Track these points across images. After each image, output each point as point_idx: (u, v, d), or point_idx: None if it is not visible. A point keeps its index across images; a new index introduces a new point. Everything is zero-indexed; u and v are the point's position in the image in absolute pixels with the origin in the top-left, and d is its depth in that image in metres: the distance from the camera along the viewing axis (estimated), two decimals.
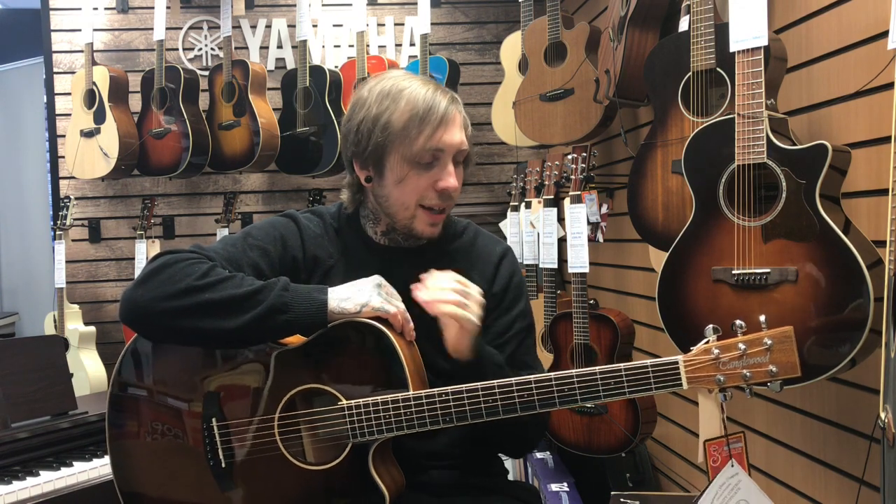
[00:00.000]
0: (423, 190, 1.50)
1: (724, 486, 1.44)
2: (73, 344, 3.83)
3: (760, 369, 1.26)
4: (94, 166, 3.90)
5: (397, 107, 1.47)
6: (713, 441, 1.53)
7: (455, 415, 1.35)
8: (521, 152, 4.08)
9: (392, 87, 1.50)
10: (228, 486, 1.46)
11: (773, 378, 1.26)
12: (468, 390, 1.35)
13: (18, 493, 1.90)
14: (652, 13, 2.48)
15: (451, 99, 1.52)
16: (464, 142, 1.52)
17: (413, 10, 4.00)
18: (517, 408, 1.34)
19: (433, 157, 1.49)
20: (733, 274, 1.74)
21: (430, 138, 1.47)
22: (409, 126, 1.47)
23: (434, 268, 1.56)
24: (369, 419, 1.37)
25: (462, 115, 1.54)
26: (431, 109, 1.47)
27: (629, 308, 3.05)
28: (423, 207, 1.51)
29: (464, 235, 1.64)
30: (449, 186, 1.49)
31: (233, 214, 3.98)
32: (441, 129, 1.48)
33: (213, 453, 1.46)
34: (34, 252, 4.97)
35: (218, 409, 1.46)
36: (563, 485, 2.77)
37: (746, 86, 1.71)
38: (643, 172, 2.19)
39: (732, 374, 1.27)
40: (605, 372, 1.32)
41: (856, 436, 1.82)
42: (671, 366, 1.30)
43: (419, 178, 1.50)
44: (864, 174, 1.77)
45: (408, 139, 1.47)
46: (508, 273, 1.61)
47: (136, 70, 4.11)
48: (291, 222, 1.61)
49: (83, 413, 2.24)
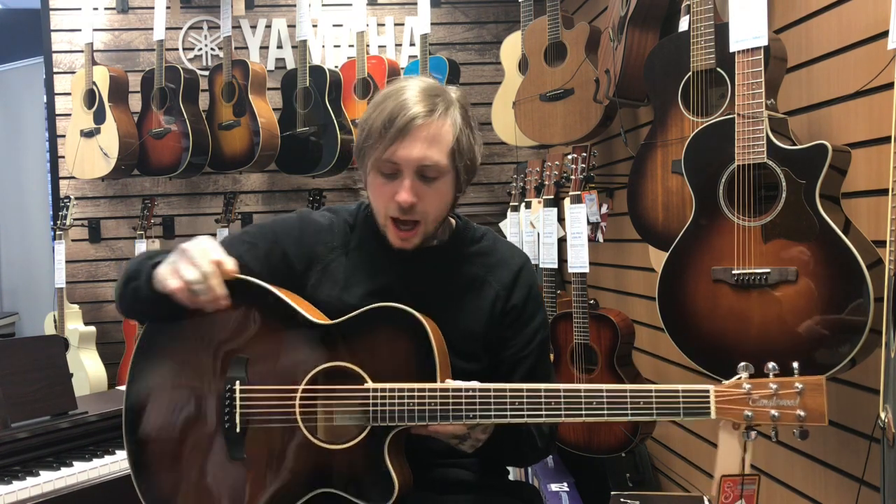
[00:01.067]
0: (387, 201, 1.49)
1: None
2: (73, 344, 3.83)
3: (789, 412, 1.27)
4: (94, 166, 3.90)
5: (378, 113, 1.48)
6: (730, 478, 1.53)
7: (479, 412, 1.34)
8: (521, 152, 4.08)
9: (390, 91, 1.51)
10: (238, 454, 1.44)
11: (800, 423, 1.26)
12: (496, 390, 1.34)
13: (18, 493, 1.90)
14: (652, 13, 2.48)
15: (427, 111, 1.45)
16: (427, 160, 1.45)
17: (413, 10, 4.00)
18: (542, 414, 1.33)
19: (392, 169, 1.47)
20: (733, 274, 1.74)
21: (386, 150, 1.46)
22: (378, 134, 1.47)
23: (450, 268, 1.58)
24: (392, 404, 1.36)
25: (438, 126, 1.46)
26: (395, 120, 1.45)
27: (629, 308, 3.05)
28: (392, 219, 1.50)
29: (482, 241, 1.63)
30: (400, 200, 1.46)
31: (233, 214, 3.98)
32: (398, 142, 1.45)
33: (231, 416, 1.44)
34: (34, 252, 4.97)
35: (244, 373, 1.45)
36: (563, 485, 2.76)
37: (746, 86, 1.71)
38: (643, 172, 2.19)
39: (761, 412, 1.27)
40: (636, 391, 1.31)
41: (856, 436, 1.82)
42: (702, 394, 1.29)
43: (383, 188, 1.49)
44: (864, 174, 1.77)
45: (375, 147, 1.47)
46: (528, 285, 1.60)
47: (136, 70, 4.11)
48: (296, 218, 1.63)
49: (83, 413, 2.24)
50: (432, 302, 1.52)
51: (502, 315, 1.57)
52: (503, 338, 1.57)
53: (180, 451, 1.48)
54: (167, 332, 1.52)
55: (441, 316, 1.48)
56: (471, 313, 1.55)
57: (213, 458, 1.46)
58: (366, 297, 1.53)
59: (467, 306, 1.55)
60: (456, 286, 1.57)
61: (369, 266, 1.58)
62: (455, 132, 1.48)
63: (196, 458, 1.47)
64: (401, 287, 1.54)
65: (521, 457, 1.59)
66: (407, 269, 1.56)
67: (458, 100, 1.52)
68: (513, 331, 1.57)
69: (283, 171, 4.01)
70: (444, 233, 1.62)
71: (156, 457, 1.49)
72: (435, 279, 1.57)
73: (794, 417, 1.26)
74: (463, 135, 1.49)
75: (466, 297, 1.56)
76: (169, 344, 1.52)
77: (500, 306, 1.56)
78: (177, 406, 1.49)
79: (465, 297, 1.56)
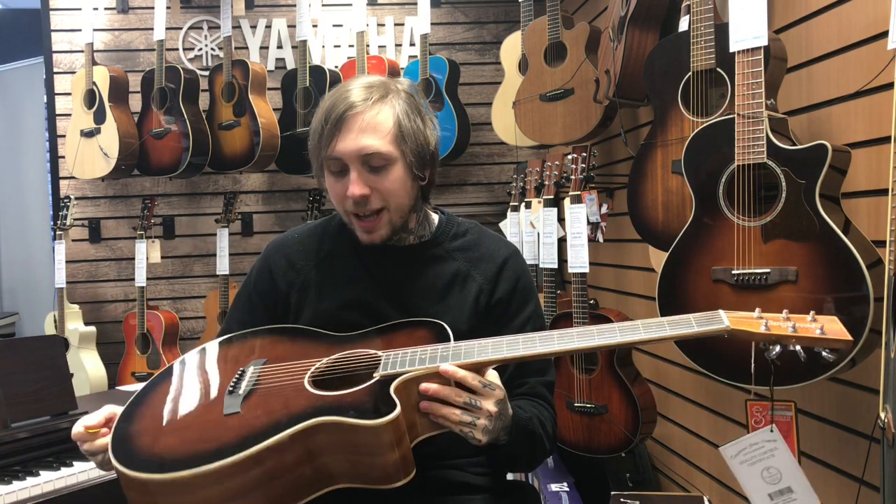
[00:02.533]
0: (342, 198, 1.49)
1: (756, 445, 1.41)
2: (73, 344, 3.83)
3: (807, 328, 1.22)
4: (94, 166, 3.90)
5: (319, 113, 1.50)
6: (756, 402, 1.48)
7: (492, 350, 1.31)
8: (521, 152, 4.08)
9: (332, 91, 1.53)
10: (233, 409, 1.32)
11: (821, 338, 1.20)
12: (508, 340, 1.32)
13: (18, 493, 1.90)
14: (652, 13, 2.48)
15: (362, 100, 1.45)
16: (366, 149, 1.44)
17: (413, 10, 4.00)
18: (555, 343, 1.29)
19: (339, 166, 1.48)
20: (733, 274, 1.74)
21: (328, 147, 1.47)
22: (317, 137, 1.49)
23: (432, 266, 1.57)
24: (404, 357, 1.33)
25: (371, 117, 1.45)
26: (329, 118, 1.46)
27: (629, 308, 3.05)
28: (353, 215, 1.51)
29: (467, 235, 1.62)
30: (350, 194, 1.46)
31: (233, 214, 3.98)
32: (336, 137, 1.45)
33: (238, 382, 1.39)
34: (34, 252, 4.97)
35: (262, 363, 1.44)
36: (563, 485, 2.76)
37: (746, 86, 1.71)
38: (643, 172, 2.19)
39: (776, 328, 1.22)
40: (648, 322, 1.28)
41: (856, 436, 1.82)
42: (712, 315, 1.25)
43: (336, 186, 1.50)
44: (864, 174, 1.77)
45: (319, 148, 1.49)
46: (514, 276, 1.57)
47: (136, 70, 4.11)
48: (262, 261, 1.66)
49: (83, 413, 2.22)
50: (411, 302, 1.53)
51: (488, 309, 1.55)
52: (491, 332, 1.54)
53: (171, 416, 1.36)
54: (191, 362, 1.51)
55: (424, 314, 1.48)
56: (455, 310, 1.53)
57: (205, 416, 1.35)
58: (341, 307, 1.54)
59: (451, 302, 1.54)
60: (438, 283, 1.56)
61: (342, 273, 1.58)
62: (394, 117, 1.47)
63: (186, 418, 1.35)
64: (375, 292, 1.55)
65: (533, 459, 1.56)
66: (383, 272, 1.57)
67: (404, 88, 1.52)
68: (499, 325, 1.54)
69: (283, 172, 4.02)
70: (423, 228, 1.61)
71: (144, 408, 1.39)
72: (413, 279, 1.56)
73: (813, 332, 1.21)
74: (407, 119, 1.48)
75: (450, 294, 1.55)
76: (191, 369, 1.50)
77: (485, 300, 1.55)
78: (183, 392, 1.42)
79: (449, 293, 1.55)
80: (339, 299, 1.56)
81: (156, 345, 3.88)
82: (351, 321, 1.54)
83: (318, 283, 1.58)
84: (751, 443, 1.42)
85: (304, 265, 1.61)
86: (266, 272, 1.63)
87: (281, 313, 1.61)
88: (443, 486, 1.51)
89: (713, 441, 2.54)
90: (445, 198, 4.22)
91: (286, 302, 1.60)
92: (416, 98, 1.54)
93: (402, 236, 1.58)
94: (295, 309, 1.59)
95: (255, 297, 1.62)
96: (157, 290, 4.19)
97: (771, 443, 1.41)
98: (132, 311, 3.96)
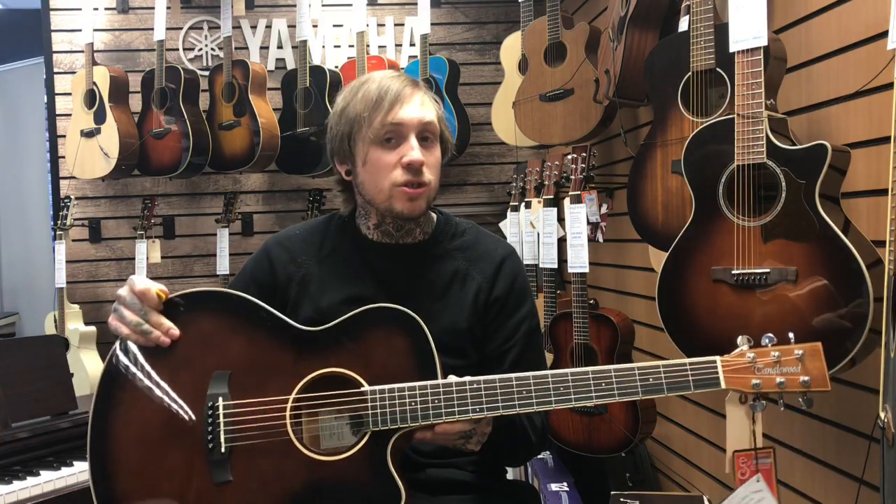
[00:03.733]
0: (391, 168, 1.51)
1: (745, 499, 1.43)
2: (73, 344, 3.83)
3: (794, 377, 1.28)
4: (94, 166, 3.90)
5: (356, 96, 1.53)
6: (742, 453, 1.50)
7: (487, 404, 1.30)
8: (521, 152, 4.08)
9: (357, 82, 1.57)
10: (223, 477, 1.32)
11: (805, 389, 1.27)
12: (501, 380, 1.31)
13: (19, 493, 1.91)
14: (652, 13, 2.48)
15: (412, 83, 1.54)
16: (426, 118, 1.52)
17: (413, 10, 4.00)
18: (552, 401, 1.30)
19: (394, 134, 1.51)
20: (733, 274, 1.74)
21: (387, 115, 1.50)
22: (367, 109, 1.51)
23: (432, 265, 1.58)
24: (394, 405, 1.31)
25: (424, 96, 1.55)
26: (387, 91, 1.51)
27: (629, 308, 3.05)
28: (398, 185, 1.51)
29: (465, 235, 1.64)
30: (413, 160, 1.49)
31: (233, 214, 3.98)
32: (397, 106, 1.50)
33: (215, 436, 1.34)
34: (34, 252, 4.97)
35: (227, 389, 1.36)
36: (563, 484, 2.76)
37: (746, 86, 1.71)
38: (643, 172, 2.19)
39: (768, 380, 1.28)
40: (645, 369, 1.29)
41: (856, 436, 1.82)
42: (709, 365, 1.29)
43: (384, 156, 1.51)
44: (864, 174, 1.77)
45: (367, 121, 1.51)
46: (511, 275, 1.59)
47: (136, 70, 4.11)
48: (262, 253, 1.67)
49: (83, 413, 2.24)
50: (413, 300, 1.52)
51: (486, 307, 1.56)
52: (487, 330, 1.57)
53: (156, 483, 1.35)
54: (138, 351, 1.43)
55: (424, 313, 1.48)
56: (455, 308, 1.55)
57: (195, 485, 1.34)
58: (342, 302, 1.54)
59: (450, 301, 1.55)
60: (438, 282, 1.57)
61: (344, 271, 1.59)
62: (436, 105, 1.57)
63: (174, 486, 1.34)
64: (377, 289, 1.55)
65: (515, 454, 1.57)
66: (384, 270, 1.57)
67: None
68: (497, 323, 1.56)
69: (283, 172, 4.02)
70: (427, 225, 1.62)
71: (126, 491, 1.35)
72: (415, 277, 1.57)
73: (799, 383, 1.27)
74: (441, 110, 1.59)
75: (449, 292, 1.56)
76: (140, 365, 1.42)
77: (484, 298, 1.56)
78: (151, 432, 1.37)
79: (448, 292, 1.56)
80: (340, 295, 1.56)
81: None
82: None
83: (319, 279, 1.59)
84: (741, 498, 1.45)
85: (306, 260, 1.61)
86: (265, 263, 1.63)
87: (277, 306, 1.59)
88: (442, 485, 1.51)
89: (713, 441, 2.54)
90: (446, 198, 4.21)
91: (284, 295, 1.60)
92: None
93: (412, 227, 1.59)
94: (293, 302, 1.59)
95: (253, 288, 1.61)
96: None
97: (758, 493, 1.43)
98: None
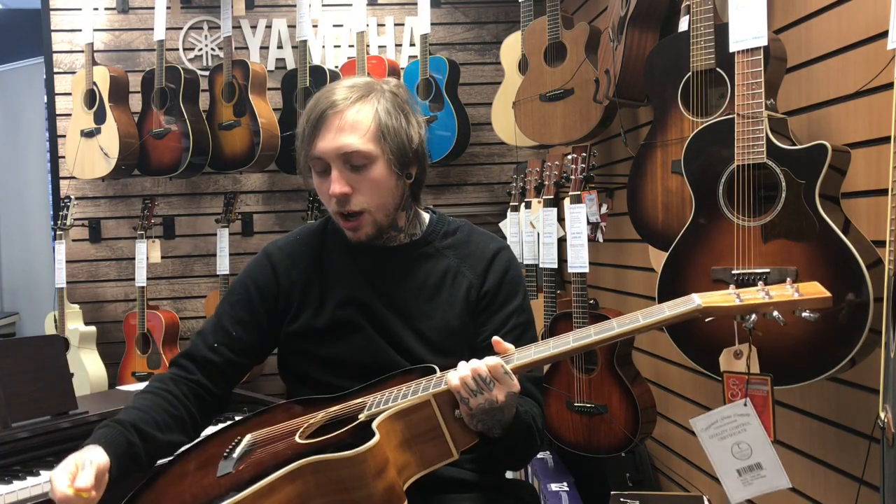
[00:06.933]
0: (327, 198, 1.51)
1: (728, 419, 1.39)
2: (73, 344, 3.83)
3: (783, 293, 1.20)
4: (94, 166, 3.90)
5: (304, 115, 1.52)
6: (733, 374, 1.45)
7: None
8: (521, 152, 4.08)
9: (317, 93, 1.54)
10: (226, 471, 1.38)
11: (798, 300, 1.18)
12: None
13: (19, 493, 1.91)
14: (652, 13, 2.48)
15: (342, 99, 1.47)
16: (346, 148, 1.46)
17: (413, 10, 4.00)
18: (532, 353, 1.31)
19: (321, 166, 1.50)
20: (733, 274, 1.74)
21: (310, 147, 1.49)
22: (302, 135, 1.51)
23: (424, 264, 1.58)
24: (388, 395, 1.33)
25: (347, 116, 1.46)
26: (311, 117, 1.49)
27: (629, 308, 3.05)
28: (339, 213, 1.52)
29: (457, 233, 1.64)
30: (331, 193, 1.48)
31: (233, 214, 3.98)
32: (317, 136, 1.48)
33: (232, 450, 1.43)
34: (34, 252, 4.98)
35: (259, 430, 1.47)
36: (563, 484, 2.76)
37: (746, 86, 1.71)
38: (643, 172, 2.19)
39: (751, 297, 1.21)
40: (622, 319, 1.29)
41: (855, 436, 1.82)
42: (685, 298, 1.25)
43: (321, 186, 1.52)
44: (864, 174, 1.77)
45: (303, 148, 1.52)
46: (502, 269, 1.59)
47: (136, 70, 4.11)
48: (263, 258, 1.65)
49: (83, 413, 2.24)
50: (406, 300, 1.54)
51: (477, 303, 1.56)
52: (477, 324, 1.56)
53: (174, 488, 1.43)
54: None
55: (417, 312, 1.48)
56: (447, 306, 1.55)
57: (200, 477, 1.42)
58: (337, 306, 1.56)
59: (442, 300, 1.55)
60: (429, 281, 1.57)
61: (338, 273, 1.59)
62: (374, 115, 1.48)
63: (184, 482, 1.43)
64: (370, 291, 1.56)
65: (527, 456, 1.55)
66: (375, 272, 1.58)
67: (389, 88, 1.53)
68: (485, 316, 1.56)
69: (284, 172, 4.02)
70: (414, 227, 1.62)
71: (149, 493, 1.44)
72: (405, 278, 1.57)
73: (790, 296, 1.19)
74: (388, 117, 1.49)
75: (441, 291, 1.56)
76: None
77: (475, 294, 1.56)
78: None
79: (440, 290, 1.56)
80: (335, 298, 1.57)
81: (156, 345, 3.89)
82: (347, 320, 1.55)
83: (319, 283, 1.59)
84: (723, 416, 1.41)
85: (307, 264, 1.62)
86: (268, 269, 1.63)
87: (281, 311, 1.61)
88: (442, 483, 1.51)
89: None
90: (446, 198, 4.22)
91: (287, 300, 1.60)
92: (403, 96, 1.55)
93: (393, 234, 1.60)
94: (296, 307, 1.59)
95: (255, 292, 1.61)
96: (158, 290, 4.19)
97: (744, 417, 1.39)
98: (132, 311, 3.96)
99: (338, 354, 1.56)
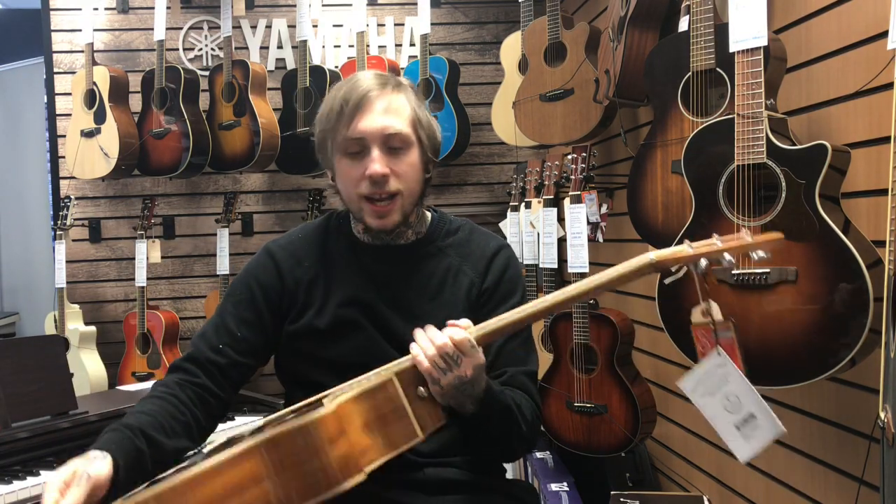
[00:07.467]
0: (358, 180, 1.50)
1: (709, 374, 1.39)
2: (73, 344, 3.83)
3: (734, 240, 1.33)
4: (94, 166, 3.90)
5: (332, 100, 1.52)
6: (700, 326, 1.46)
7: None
8: (521, 152, 4.08)
9: (340, 83, 1.56)
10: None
11: (749, 243, 1.31)
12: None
13: (19, 493, 1.91)
14: (652, 13, 2.48)
15: (380, 86, 1.50)
16: (390, 128, 1.48)
17: (413, 10, 4.00)
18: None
19: (358, 146, 1.50)
20: (733, 274, 1.74)
21: (349, 127, 1.49)
22: (335, 118, 1.50)
23: (426, 263, 1.58)
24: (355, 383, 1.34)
25: (393, 99, 1.50)
26: (349, 99, 1.48)
27: (629, 308, 3.05)
28: (366, 199, 1.51)
29: (458, 232, 1.64)
30: (372, 173, 1.47)
31: (233, 214, 3.98)
32: (357, 116, 1.48)
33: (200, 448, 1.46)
34: (34, 252, 4.98)
35: None
36: (563, 484, 2.77)
37: (746, 86, 1.71)
38: (643, 172, 2.19)
39: (702, 245, 1.33)
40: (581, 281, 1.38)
41: (855, 435, 1.82)
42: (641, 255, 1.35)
43: (352, 169, 1.51)
44: (864, 174, 1.77)
45: (335, 131, 1.51)
46: (502, 267, 1.60)
47: (136, 70, 4.11)
48: (265, 256, 1.64)
49: (83, 413, 2.24)
50: (410, 299, 1.54)
51: (477, 300, 1.57)
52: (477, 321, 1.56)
53: None
54: None
55: (420, 311, 1.48)
56: (449, 304, 1.55)
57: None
58: (340, 305, 1.55)
59: (444, 299, 1.55)
60: (432, 280, 1.57)
61: (343, 273, 1.59)
62: (410, 104, 1.53)
63: None
64: (373, 289, 1.55)
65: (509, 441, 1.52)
66: (378, 271, 1.57)
67: (409, 84, 1.57)
68: (484, 312, 1.54)
69: (283, 172, 4.02)
70: (420, 225, 1.62)
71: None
72: (408, 277, 1.57)
73: (740, 240, 1.33)
74: (419, 109, 1.54)
75: (444, 290, 1.56)
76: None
77: (476, 292, 1.57)
78: None
79: (443, 289, 1.56)
80: (338, 297, 1.56)
81: (156, 345, 3.89)
82: (349, 319, 1.55)
83: (323, 281, 1.59)
84: (704, 371, 1.41)
85: (311, 263, 1.61)
86: (272, 268, 1.61)
87: (285, 310, 1.60)
88: (441, 484, 1.50)
89: (713, 441, 2.54)
90: (446, 198, 4.22)
91: (292, 299, 1.59)
92: (420, 97, 1.59)
93: (402, 230, 1.59)
94: (301, 306, 1.58)
95: (258, 291, 1.59)
96: (158, 290, 4.19)
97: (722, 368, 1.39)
98: (132, 311, 3.96)
99: (338, 355, 1.55)
